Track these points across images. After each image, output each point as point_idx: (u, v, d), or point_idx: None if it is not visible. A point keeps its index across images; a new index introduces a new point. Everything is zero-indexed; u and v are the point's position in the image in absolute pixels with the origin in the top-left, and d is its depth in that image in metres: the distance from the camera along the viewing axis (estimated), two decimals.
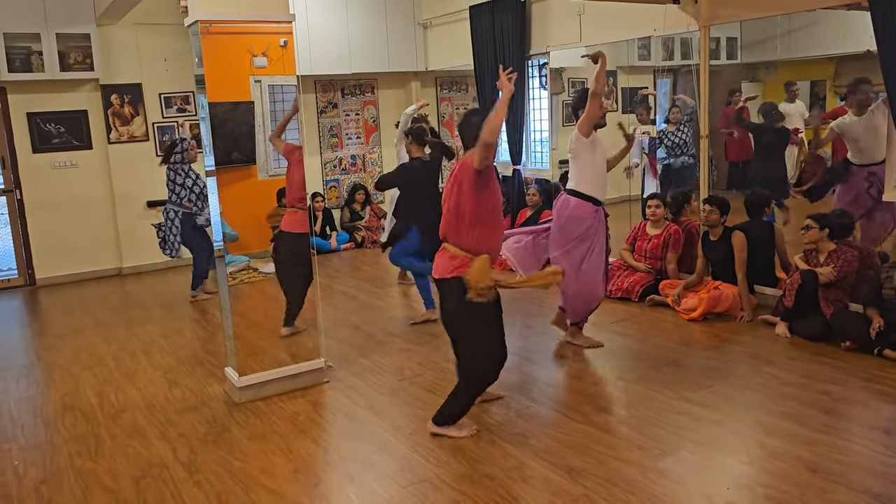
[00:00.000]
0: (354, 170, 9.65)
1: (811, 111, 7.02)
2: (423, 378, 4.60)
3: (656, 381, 4.36)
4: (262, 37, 4.23)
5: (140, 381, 4.87)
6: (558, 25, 7.44)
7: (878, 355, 4.48)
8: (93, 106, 8.01)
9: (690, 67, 6.49)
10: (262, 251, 4.64)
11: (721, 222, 5.64)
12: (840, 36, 6.55)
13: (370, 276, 7.53)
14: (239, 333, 4.39)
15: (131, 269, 8.31)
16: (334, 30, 8.68)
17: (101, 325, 6.31)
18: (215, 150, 4.20)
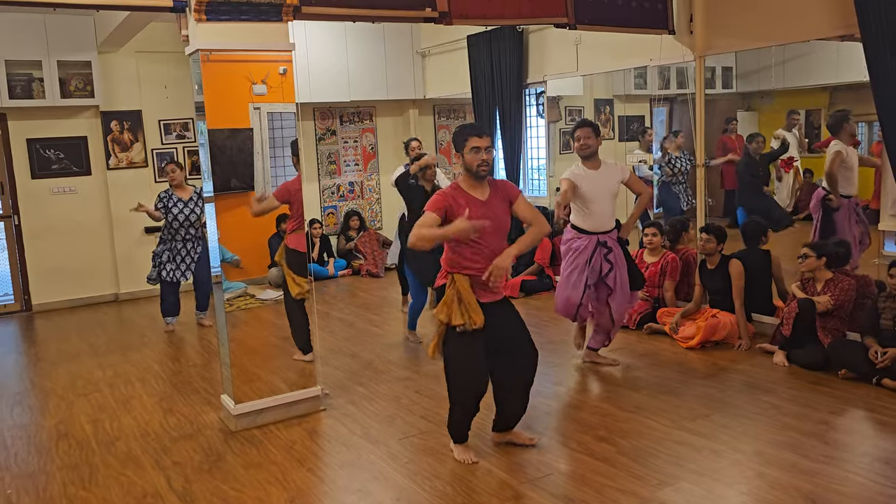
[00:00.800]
0: (352, 196, 9.68)
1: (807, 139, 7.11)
2: (420, 406, 4.57)
3: (655, 409, 4.33)
4: (261, 65, 4.27)
5: (135, 409, 4.83)
6: (555, 55, 7.52)
7: (876, 384, 4.47)
8: (92, 132, 8.06)
9: (686, 97, 6.55)
10: (259, 277, 4.64)
11: (718, 250, 5.66)
12: (834, 66, 6.63)
13: (367, 303, 7.51)
14: (235, 360, 4.37)
15: (128, 294, 8.29)
16: (333, 58, 8.76)
17: (96, 351, 6.27)
18: (214, 177, 4.22)
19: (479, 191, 3.55)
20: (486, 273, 3.42)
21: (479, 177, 3.53)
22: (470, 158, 3.50)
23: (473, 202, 3.49)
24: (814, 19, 5.08)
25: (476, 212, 3.44)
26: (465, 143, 3.50)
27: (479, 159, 3.48)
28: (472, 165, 3.50)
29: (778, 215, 6.81)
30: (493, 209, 3.55)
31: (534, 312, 6.59)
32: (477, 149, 3.47)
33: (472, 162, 3.50)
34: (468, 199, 3.49)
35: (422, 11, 4.73)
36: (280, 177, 4.59)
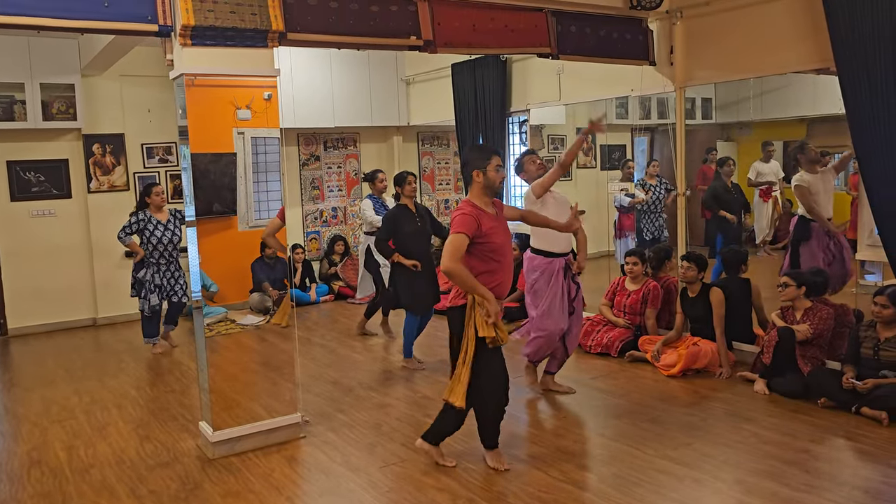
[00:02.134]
0: (335, 222, 9.67)
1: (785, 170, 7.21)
2: (400, 434, 4.53)
3: (636, 438, 4.33)
4: (246, 90, 4.27)
5: (111, 436, 4.75)
6: (538, 84, 7.61)
7: (855, 413, 4.49)
8: (74, 155, 8.01)
9: (667, 126, 6.64)
10: (240, 302, 4.60)
11: (699, 278, 5.70)
12: (811, 99, 6.77)
13: (349, 329, 7.46)
14: (214, 386, 4.31)
15: (106, 319, 8.18)
16: (318, 84, 8.81)
17: (72, 376, 6.17)
18: (196, 201, 4.19)
19: (490, 207, 3.81)
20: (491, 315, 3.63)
21: (495, 193, 3.83)
22: (494, 176, 3.76)
23: (489, 217, 3.74)
24: (791, 53, 5.19)
25: (495, 228, 3.73)
26: (489, 160, 3.75)
27: (501, 176, 3.78)
28: (496, 182, 3.77)
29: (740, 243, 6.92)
30: (502, 223, 3.86)
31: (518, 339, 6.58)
32: (500, 166, 3.78)
33: (495, 179, 3.77)
34: (485, 215, 3.73)
35: (407, 39, 4.78)
36: (263, 201, 4.57)
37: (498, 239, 3.72)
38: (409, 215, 5.85)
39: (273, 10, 4.16)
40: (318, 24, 4.42)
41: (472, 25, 5.05)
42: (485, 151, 3.82)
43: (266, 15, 4.13)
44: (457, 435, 4.07)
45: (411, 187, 5.89)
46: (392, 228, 5.82)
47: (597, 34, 5.71)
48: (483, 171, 3.75)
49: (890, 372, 4.51)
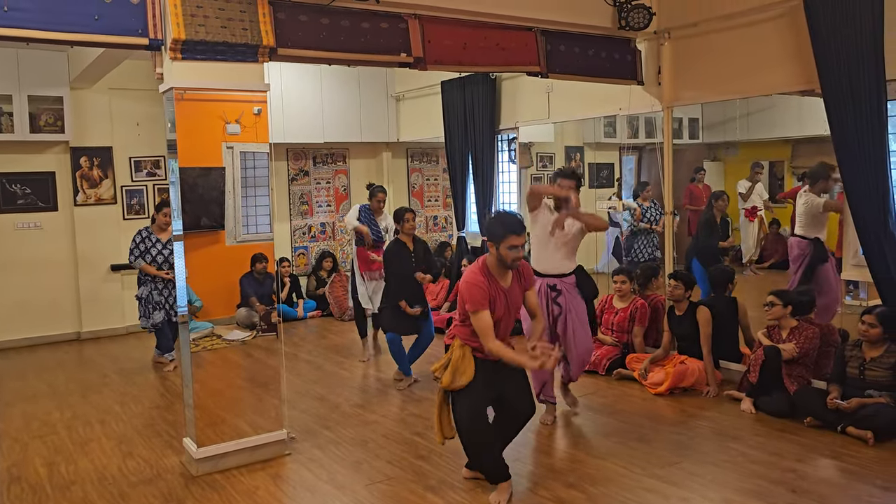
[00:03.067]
0: (324, 237, 9.65)
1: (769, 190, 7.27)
2: (387, 451, 4.50)
3: (624, 456, 4.32)
4: (236, 104, 4.27)
5: (93, 452, 4.68)
6: (527, 102, 7.65)
7: (841, 432, 4.51)
8: (61, 168, 7.96)
9: (655, 146, 6.69)
10: (226, 317, 4.57)
11: (686, 297, 5.72)
12: (796, 119, 6.84)
13: (336, 346, 7.43)
14: (199, 402, 4.27)
15: (90, 333, 8.09)
16: (308, 100, 8.82)
17: (55, 391, 6.09)
18: (184, 215, 4.17)
19: (504, 278, 3.74)
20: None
21: (511, 269, 3.75)
22: (506, 254, 3.66)
23: (499, 291, 3.70)
24: (776, 74, 5.25)
25: (499, 301, 3.69)
26: (503, 238, 3.64)
27: (514, 255, 3.66)
28: (508, 260, 3.68)
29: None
30: (513, 296, 3.78)
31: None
32: (514, 247, 3.64)
33: (507, 257, 3.67)
34: (496, 288, 3.69)
35: (397, 56, 4.81)
36: (251, 216, 4.56)
37: (498, 311, 3.68)
38: (406, 254, 5.84)
39: (264, 26, 4.17)
40: (309, 40, 4.44)
41: (463, 43, 5.09)
42: (503, 227, 3.65)
43: (257, 30, 4.14)
44: (444, 453, 4.04)
45: (410, 224, 5.88)
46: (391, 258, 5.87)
47: (585, 53, 5.76)
48: (497, 247, 3.67)
49: (875, 391, 4.53)
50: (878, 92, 4.51)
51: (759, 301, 5.41)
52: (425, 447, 4.54)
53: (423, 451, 4.48)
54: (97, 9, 3.82)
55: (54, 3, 3.71)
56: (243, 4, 4.11)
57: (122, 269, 8.15)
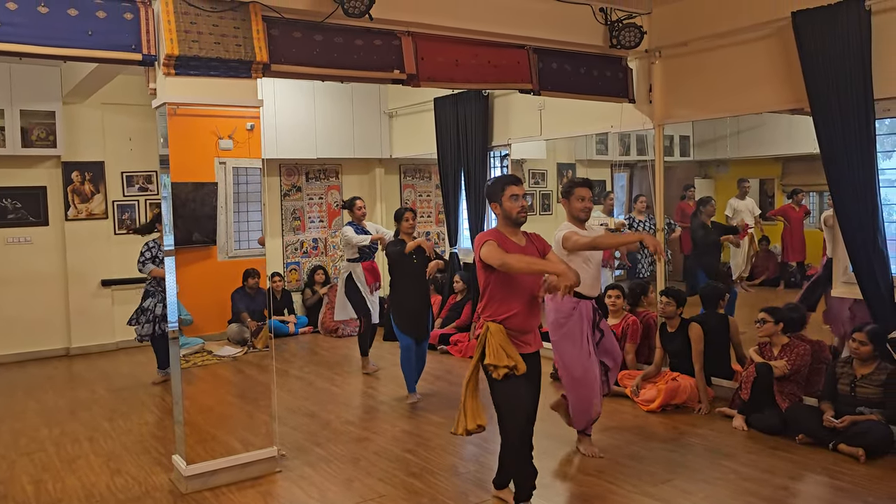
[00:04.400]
0: (316, 253, 9.63)
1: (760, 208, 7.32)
2: (378, 469, 4.47)
3: (616, 474, 4.30)
4: (228, 120, 4.28)
5: (81, 469, 4.63)
6: (520, 119, 7.69)
7: (833, 450, 4.51)
8: (52, 182, 7.93)
9: (646, 163, 6.73)
10: (217, 333, 4.55)
11: (678, 314, 5.73)
12: (786, 138, 6.91)
13: (328, 362, 7.40)
14: (189, 419, 4.24)
15: (80, 349, 8.03)
16: (301, 115, 8.83)
17: (43, 407, 6.03)
18: (176, 230, 4.16)
19: (516, 237, 3.65)
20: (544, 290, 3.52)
21: (518, 223, 3.64)
22: (510, 206, 3.59)
23: (515, 247, 3.59)
24: (766, 93, 5.30)
25: (513, 249, 3.54)
26: (503, 191, 3.60)
27: (518, 206, 3.59)
28: (513, 212, 3.60)
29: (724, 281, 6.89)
30: (530, 254, 3.63)
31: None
32: (516, 196, 3.59)
33: (511, 209, 3.59)
34: (509, 241, 3.58)
35: (390, 73, 4.83)
36: (243, 231, 4.55)
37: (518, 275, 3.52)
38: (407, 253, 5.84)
39: (258, 42, 4.18)
40: (303, 57, 4.46)
41: (455, 60, 5.12)
42: (499, 182, 3.66)
43: (250, 46, 4.16)
44: (436, 471, 4.01)
45: (409, 224, 5.90)
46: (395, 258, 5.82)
47: (577, 71, 5.81)
48: (499, 202, 3.63)
49: (866, 408, 4.54)
50: (867, 110, 4.55)
51: (751, 318, 5.42)
52: (417, 465, 4.51)
53: (415, 468, 4.46)
54: (91, 24, 3.84)
55: (48, 18, 3.73)
56: (237, 21, 4.13)
57: (112, 284, 8.11)
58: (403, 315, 5.82)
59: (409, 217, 5.91)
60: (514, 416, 3.59)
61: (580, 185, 4.57)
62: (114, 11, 3.92)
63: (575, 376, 4.52)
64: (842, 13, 4.57)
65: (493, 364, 3.47)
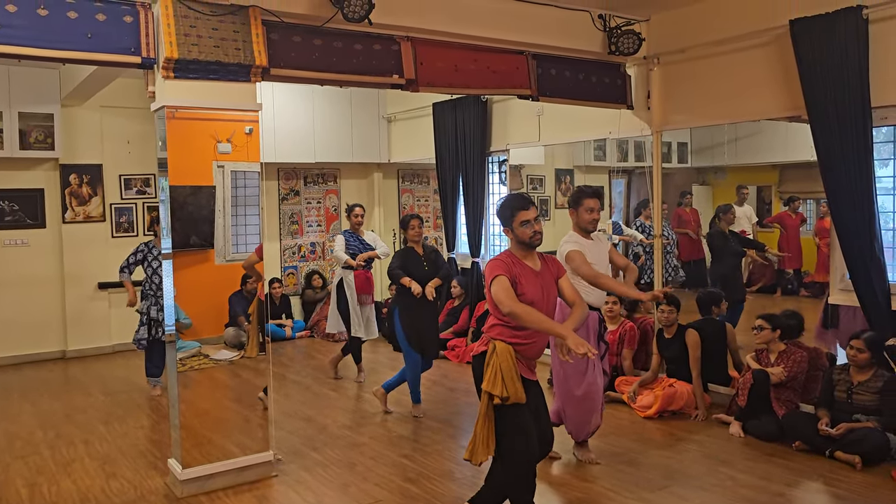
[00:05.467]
0: (313, 257, 9.63)
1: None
2: (375, 473, 4.46)
3: (613, 480, 4.30)
4: (227, 123, 4.28)
5: (76, 472, 4.61)
6: (518, 124, 7.70)
7: (829, 457, 4.51)
8: (50, 185, 7.93)
9: (644, 169, 6.74)
10: (214, 337, 4.54)
11: (675, 320, 5.73)
12: (783, 145, 6.91)
13: (325, 366, 7.37)
14: (185, 422, 4.22)
15: (76, 352, 8.01)
16: (300, 120, 8.84)
17: (38, 410, 6.01)
18: (173, 233, 4.16)
19: (531, 261, 3.49)
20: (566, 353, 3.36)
21: (532, 247, 3.48)
22: (521, 232, 3.44)
23: (528, 272, 3.42)
24: (764, 100, 5.31)
25: (530, 282, 3.39)
26: (513, 217, 3.45)
27: (531, 231, 3.43)
28: (526, 238, 3.44)
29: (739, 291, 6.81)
30: (545, 281, 3.49)
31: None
32: (527, 222, 3.42)
33: (524, 235, 3.43)
34: (522, 267, 3.42)
35: (389, 78, 4.84)
36: (241, 235, 4.55)
37: (530, 293, 3.36)
38: (417, 260, 5.72)
39: (257, 46, 4.19)
40: (302, 61, 4.47)
41: (454, 66, 5.13)
42: (509, 206, 3.49)
43: (250, 50, 4.16)
44: (433, 476, 3.99)
45: (415, 231, 5.79)
46: (403, 265, 5.69)
47: (576, 77, 5.82)
48: (511, 229, 3.47)
49: (863, 416, 4.54)
50: (864, 118, 4.57)
51: (748, 324, 5.42)
52: (413, 470, 4.50)
53: (412, 473, 4.45)
54: (90, 27, 3.84)
55: (47, 20, 3.73)
56: (236, 24, 4.13)
57: (109, 287, 8.09)
58: (412, 329, 5.64)
59: (415, 224, 5.80)
60: (517, 453, 3.35)
61: (589, 195, 4.49)
62: (113, 14, 3.92)
63: (576, 393, 4.48)
64: (839, 21, 4.58)
65: (488, 391, 3.32)
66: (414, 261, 5.71)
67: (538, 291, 3.40)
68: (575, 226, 4.54)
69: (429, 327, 5.73)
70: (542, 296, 3.41)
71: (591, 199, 4.46)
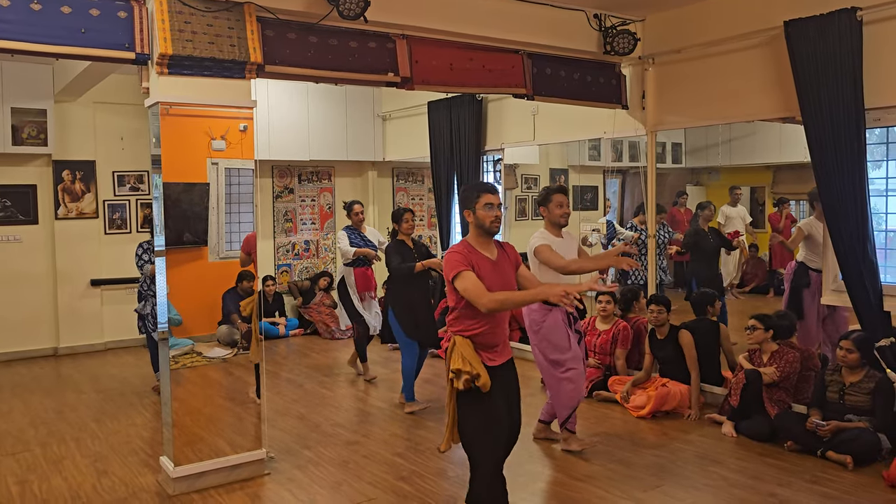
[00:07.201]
0: (307, 255, 9.61)
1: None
2: (368, 472, 4.46)
3: (606, 479, 4.30)
4: (221, 120, 4.26)
5: (67, 470, 4.59)
6: (513, 124, 7.70)
7: (821, 457, 4.52)
8: (43, 181, 7.89)
9: (638, 169, 6.75)
10: (207, 335, 4.52)
11: (667, 320, 5.73)
12: (777, 146, 6.94)
13: (319, 364, 7.37)
14: (177, 420, 4.21)
15: (68, 349, 7.98)
16: (294, 117, 8.82)
17: (29, 408, 5.98)
18: (167, 231, 4.15)
19: (488, 249, 3.44)
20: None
21: (490, 233, 3.45)
22: (483, 214, 3.41)
23: (484, 261, 3.38)
24: (758, 101, 5.33)
25: (488, 271, 3.34)
26: (477, 199, 3.43)
27: (492, 215, 3.40)
28: (486, 221, 3.41)
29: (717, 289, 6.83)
30: (503, 269, 3.44)
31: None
32: (490, 205, 3.40)
33: (485, 218, 3.40)
34: (480, 257, 3.38)
35: (384, 76, 4.83)
36: (235, 232, 4.53)
37: (489, 282, 3.28)
38: (407, 252, 5.77)
39: (252, 43, 4.18)
40: (297, 58, 4.45)
41: (450, 64, 5.13)
42: (475, 189, 3.48)
43: (245, 47, 4.15)
44: (426, 474, 3.98)
45: (408, 224, 5.82)
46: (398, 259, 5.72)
47: (571, 77, 5.82)
48: (472, 210, 3.44)
49: (855, 416, 4.56)
50: (857, 120, 4.58)
51: (741, 325, 5.44)
52: (407, 468, 4.50)
53: (405, 472, 4.44)
54: (84, 22, 3.82)
55: (41, 15, 3.70)
56: (231, 21, 4.12)
57: (102, 284, 8.07)
58: (410, 319, 5.70)
59: (408, 218, 5.84)
60: (482, 436, 3.27)
61: (556, 191, 4.74)
62: (107, 9, 3.90)
63: (557, 374, 4.68)
64: (834, 23, 4.60)
65: (457, 369, 3.26)
66: (404, 254, 5.75)
67: (496, 280, 3.35)
68: (546, 223, 4.76)
69: (422, 308, 5.80)
70: (500, 285, 3.35)
71: (559, 195, 4.71)
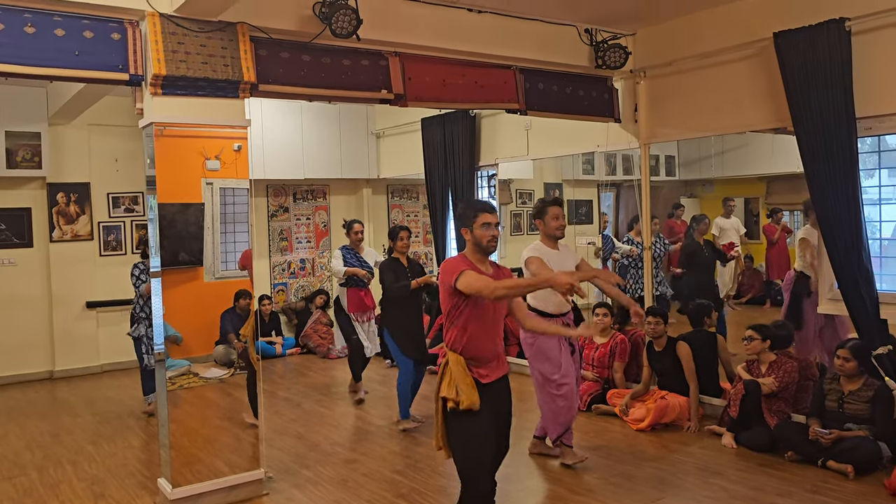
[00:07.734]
0: (303, 274, 9.60)
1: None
2: (367, 490, 4.42)
3: (607, 493, 4.28)
4: (216, 140, 4.27)
5: (64, 494, 4.55)
6: (507, 139, 7.74)
7: (821, 466, 4.51)
8: (37, 203, 7.88)
9: (632, 182, 6.77)
10: (204, 355, 4.50)
11: (664, 332, 5.73)
12: (770, 157, 6.97)
13: (316, 384, 7.34)
14: (175, 441, 4.18)
15: (63, 372, 7.93)
16: (289, 136, 8.85)
17: (25, 431, 5.94)
18: (162, 251, 4.14)
19: (484, 266, 3.45)
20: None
21: (487, 252, 3.46)
22: (480, 234, 3.41)
23: (481, 273, 3.37)
24: (749, 112, 5.36)
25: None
26: (475, 218, 3.43)
27: (489, 235, 3.41)
28: (483, 241, 3.41)
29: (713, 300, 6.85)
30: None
31: None
32: (488, 224, 3.41)
33: (482, 237, 3.41)
34: (476, 269, 3.38)
35: (378, 93, 4.85)
36: (230, 252, 4.53)
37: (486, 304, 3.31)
38: (401, 270, 5.76)
39: (245, 62, 4.20)
40: (290, 77, 4.48)
41: (443, 81, 5.16)
42: (473, 207, 3.48)
43: (238, 66, 4.17)
44: (426, 492, 3.95)
45: (403, 243, 5.82)
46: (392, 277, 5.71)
47: (563, 91, 5.86)
48: (470, 229, 3.42)
49: (854, 425, 4.55)
50: (849, 129, 4.61)
51: (738, 335, 5.44)
52: (406, 486, 4.47)
53: (404, 489, 4.42)
54: (78, 44, 3.84)
55: (34, 38, 3.72)
56: (224, 41, 4.14)
57: (97, 306, 8.04)
58: (406, 338, 5.69)
59: (403, 236, 5.82)
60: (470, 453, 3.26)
61: (552, 203, 4.73)
62: (101, 32, 3.92)
63: (551, 391, 4.67)
64: (822, 34, 4.64)
65: (444, 396, 3.31)
66: (398, 273, 5.74)
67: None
68: (542, 236, 4.73)
69: (416, 327, 5.80)
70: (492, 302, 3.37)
71: (554, 207, 4.69)
